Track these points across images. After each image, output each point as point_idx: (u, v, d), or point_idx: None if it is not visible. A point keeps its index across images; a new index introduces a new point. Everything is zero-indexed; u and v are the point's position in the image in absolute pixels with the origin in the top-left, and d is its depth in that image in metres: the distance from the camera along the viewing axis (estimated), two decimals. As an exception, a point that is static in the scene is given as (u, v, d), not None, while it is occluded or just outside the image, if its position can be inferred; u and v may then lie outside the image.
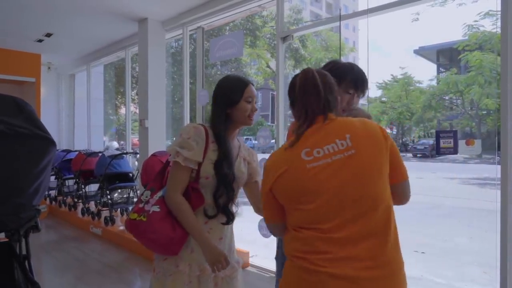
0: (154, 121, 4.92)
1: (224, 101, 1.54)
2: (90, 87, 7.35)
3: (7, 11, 4.64)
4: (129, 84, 6.30)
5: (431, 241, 5.33)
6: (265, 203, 1.27)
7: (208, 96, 4.43)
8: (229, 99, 1.53)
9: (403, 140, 22.55)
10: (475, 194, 9.00)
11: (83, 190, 5.80)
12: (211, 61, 4.71)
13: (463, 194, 9.07)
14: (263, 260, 3.81)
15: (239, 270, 1.64)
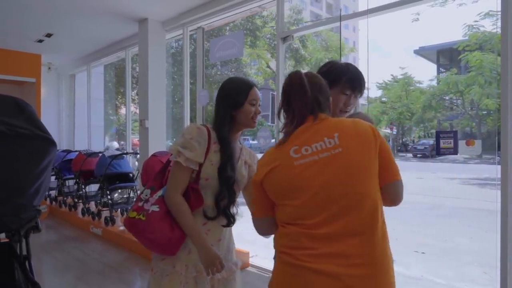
0: (154, 121, 4.92)
1: (228, 103, 1.53)
2: (90, 87, 7.35)
3: (7, 11, 4.64)
4: (129, 84, 6.30)
5: (431, 241, 5.33)
6: (255, 198, 1.30)
7: (208, 96, 4.43)
8: (233, 101, 1.52)
9: (403, 140, 22.54)
10: (475, 194, 8.99)
11: (83, 190, 5.79)
12: (211, 61, 4.71)
13: (463, 194, 9.06)
14: (263, 260, 3.81)
15: (237, 271, 1.64)
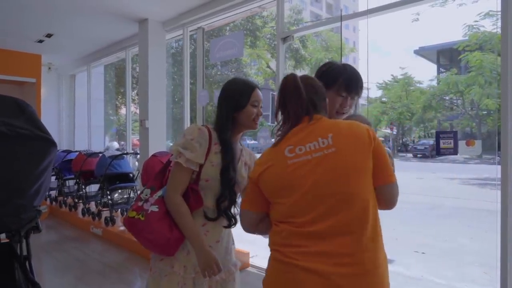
0: (154, 121, 4.93)
1: (230, 105, 1.53)
2: (90, 87, 7.35)
3: (8, 12, 4.64)
4: (130, 84, 6.30)
5: (432, 242, 5.33)
6: (247, 191, 1.32)
7: (208, 96, 4.43)
8: (236, 103, 1.52)
9: (403, 140, 22.53)
10: (475, 194, 8.99)
11: (84, 190, 5.79)
12: (211, 61, 4.71)
13: (464, 194, 9.06)
14: (263, 260, 3.80)
15: (237, 272, 1.63)
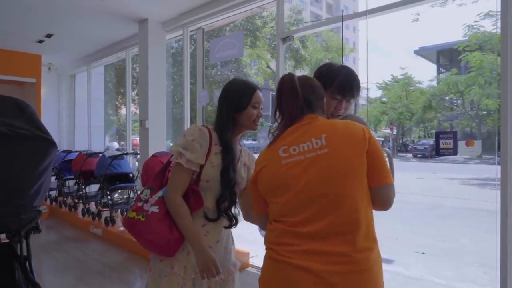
0: (154, 121, 4.93)
1: (231, 106, 1.52)
2: (90, 87, 7.35)
3: (8, 12, 4.64)
4: (130, 84, 6.30)
5: (431, 242, 5.33)
6: (252, 195, 1.34)
7: (208, 96, 4.44)
8: (237, 103, 1.52)
9: (403, 140, 22.55)
10: (475, 194, 8.99)
11: (84, 190, 5.79)
12: (211, 61, 4.71)
13: (463, 194, 9.06)
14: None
15: (236, 273, 1.63)
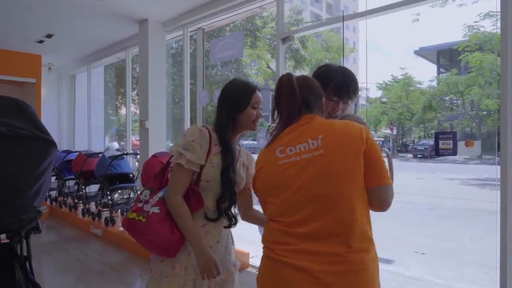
0: (154, 121, 4.93)
1: (231, 106, 1.53)
2: (90, 87, 7.35)
3: (8, 12, 4.65)
4: (130, 84, 6.30)
5: (431, 242, 5.33)
6: (260, 200, 1.35)
7: (208, 96, 4.44)
8: (236, 104, 1.53)
9: (403, 140, 22.54)
10: (475, 194, 8.99)
11: (84, 190, 5.79)
12: (211, 62, 4.71)
13: (463, 194, 9.06)
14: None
15: (236, 273, 1.64)
